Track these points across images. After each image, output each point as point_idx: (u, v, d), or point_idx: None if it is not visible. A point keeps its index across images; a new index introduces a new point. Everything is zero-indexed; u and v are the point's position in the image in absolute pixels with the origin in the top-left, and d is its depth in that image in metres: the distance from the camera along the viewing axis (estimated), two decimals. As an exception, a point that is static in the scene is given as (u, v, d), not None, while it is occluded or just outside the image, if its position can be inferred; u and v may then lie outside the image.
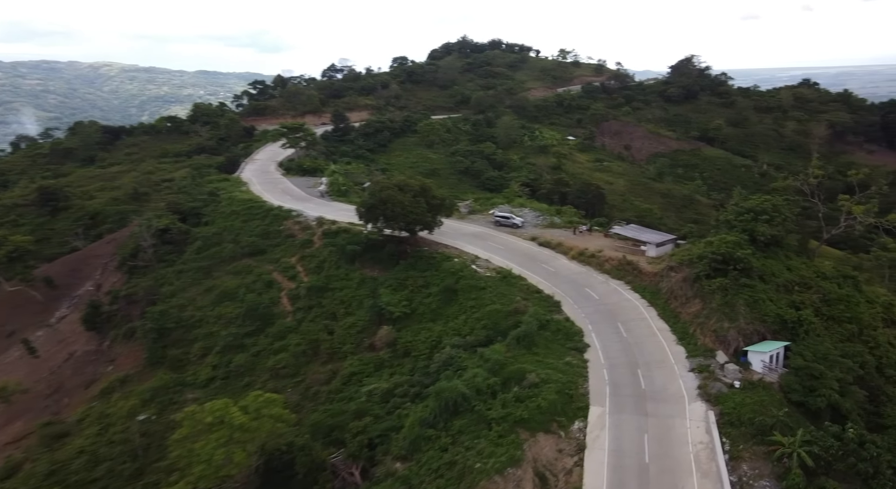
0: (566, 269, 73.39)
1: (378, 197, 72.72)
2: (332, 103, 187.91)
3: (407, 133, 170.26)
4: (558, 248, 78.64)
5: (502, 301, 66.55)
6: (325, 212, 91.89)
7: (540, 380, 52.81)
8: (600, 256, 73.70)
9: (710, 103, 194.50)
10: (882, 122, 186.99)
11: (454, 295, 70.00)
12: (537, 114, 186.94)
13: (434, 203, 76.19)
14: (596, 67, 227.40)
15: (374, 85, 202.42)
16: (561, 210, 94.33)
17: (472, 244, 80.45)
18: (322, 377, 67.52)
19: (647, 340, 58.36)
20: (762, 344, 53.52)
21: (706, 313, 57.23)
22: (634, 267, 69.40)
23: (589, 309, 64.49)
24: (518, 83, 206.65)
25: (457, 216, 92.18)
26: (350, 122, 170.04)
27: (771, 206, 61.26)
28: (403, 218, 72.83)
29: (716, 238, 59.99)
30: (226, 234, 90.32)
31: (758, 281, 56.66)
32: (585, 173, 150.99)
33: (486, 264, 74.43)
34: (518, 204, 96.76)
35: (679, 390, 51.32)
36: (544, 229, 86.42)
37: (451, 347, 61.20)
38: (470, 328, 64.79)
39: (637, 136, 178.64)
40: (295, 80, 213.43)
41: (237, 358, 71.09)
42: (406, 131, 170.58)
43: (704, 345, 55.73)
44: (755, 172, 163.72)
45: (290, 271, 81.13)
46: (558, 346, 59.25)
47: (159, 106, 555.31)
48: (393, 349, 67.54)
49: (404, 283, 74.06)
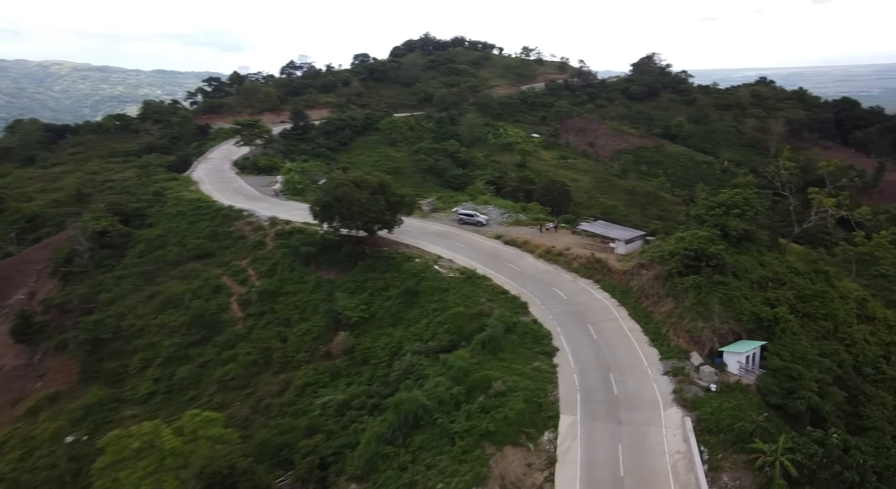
0: (533, 268, 69.77)
1: (333, 194, 67.77)
2: (292, 101, 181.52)
3: (369, 131, 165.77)
4: (524, 247, 75.02)
5: (466, 303, 62.48)
6: (280, 211, 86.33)
7: (507, 389, 48.97)
8: (568, 254, 70.32)
9: (672, 101, 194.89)
10: (835, 119, 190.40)
11: (416, 297, 65.62)
12: (501, 111, 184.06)
13: (394, 200, 71.63)
14: (559, 65, 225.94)
15: (335, 82, 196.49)
16: (527, 207, 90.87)
17: (435, 243, 76.16)
18: (274, 389, 62.31)
19: (618, 342, 55.04)
20: (738, 344, 50.72)
21: (679, 312, 54.22)
22: (603, 265, 66.22)
23: (557, 310, 60.93)
24: (482, 81, 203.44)
25: (419, 214, 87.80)
26: (310, 120, 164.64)
27: (742, 200, 58.76)
28: (361, 216, 68.05)
29: (687, 233, 57.14)
30: (171, 236, 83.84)
31: (731, 278, 53.94)
32: (550, 171, 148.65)
33: (449, 264, 70.25)
34: (482, 201, 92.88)
35: (653, 395, 48.04)
36: (510, 227, 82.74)
37: (411, 354, 56.84)
38: (432, 333, 60.52)
39: (601, 133, 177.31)
40: (252, 77, 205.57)
41: (181, 370, 65.20)
42: (368, 129, 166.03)
43: (678, 346, 52.66)
44: (717, 169, 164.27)
45: (241, 275, 75.46)
46: (526, 351, 55.45)
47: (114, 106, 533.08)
48: (350, 357, 62.78)
49: (363, 286, 69.31)
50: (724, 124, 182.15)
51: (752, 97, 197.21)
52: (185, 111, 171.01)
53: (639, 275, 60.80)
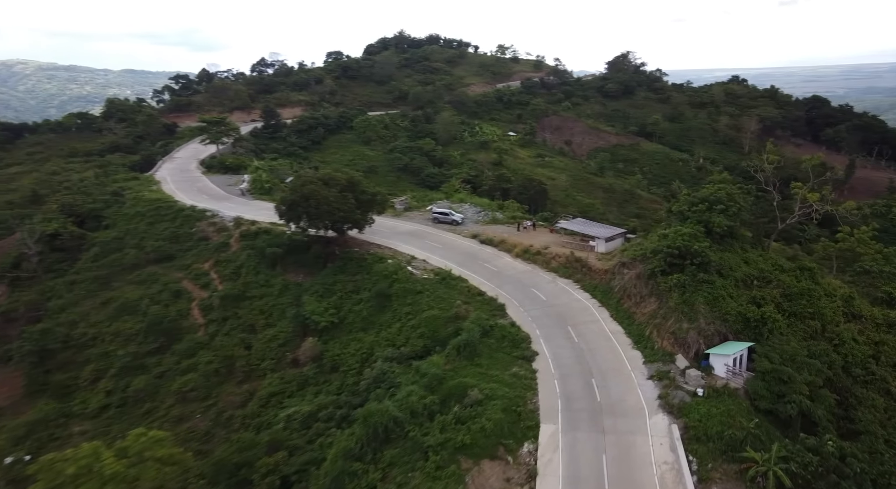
0: (510, 268, 66.74)
1: (300, 192, 63.82)
2: (263, 99, 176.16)
3: (343, 130, 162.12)
4: (501, 246, 71.98)
5: (441, 306, 59.16)
6: (245, 211, 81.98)
7: (483, 397, 45.80)
8: (546, 253, 67.45)
9: (647, 99, 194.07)
10: (806, 117, 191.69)
11: (388, 300, 62.08)
12: (477, 109, 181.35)
13: (364, 198, 67.93)
14: (535, 63, 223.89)
15: (308, 80, 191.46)
16: (504, 205, 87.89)
17: (408, 243, 72.67)
18: (237, 399, 58.22)
19: (600, 345, 52.26)
20: (724, 345, 48.25)
21: (663, 313, 51.61)
22: (583, 264, 63.46)
23: (536, 311, 57.95)
24: (457, 79, 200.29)
25: (392, 213, 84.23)
26: (282, 119, 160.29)
27: (725, 196, 56.41)
28: (329, 215, 64.25)
29: (670, 230, 54.57)
30: (129, 238, 78.82)
31: (716, 276, 51.48)
32: (527, 169, 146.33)
33: (423, 265, 66.82)
34: (458, 200, 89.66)
35: (638, 402, 45.30)
36: (486, 226, 79.64)
37: (382, 361, 53.33)
38: (405, 338, 57.09)
39: (577, 131, 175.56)
40: (222, 74, 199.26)
41: (136, 381, 60.65)
42: (342, 128, 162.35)
43: (663, 348, 50.04)
44: (692, 166, 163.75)
45: (203, 278, 70.99)
46: (504, 355, 52.30)
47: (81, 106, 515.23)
48: (319, 364, 58.98)
49: (332, 289, 65.50)
50: (698, 122, 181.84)
51: (726, 95, 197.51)
52: (150, 109, 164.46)
53: (620, 274, 58.14)
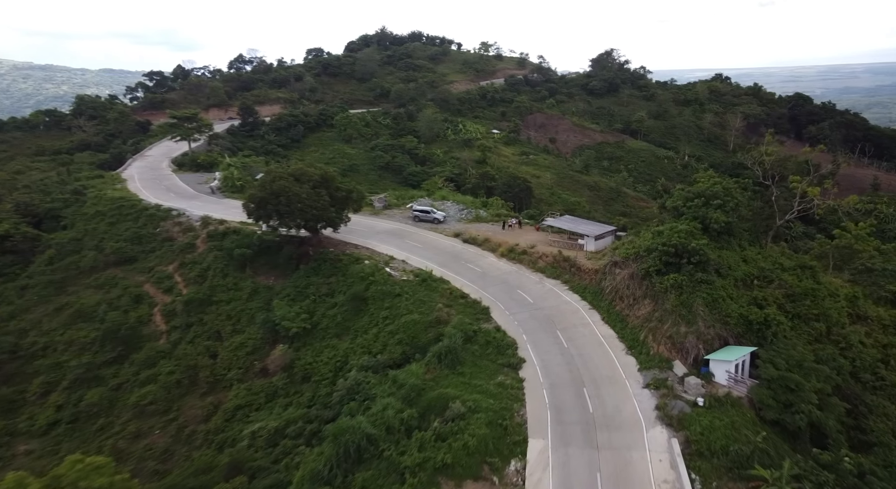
0: (495, 269, 62.65)
1: (269, 189, 59.11)
2: (240, 96, 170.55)
3: (323, 127, 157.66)
4: (485, 245, 67.88)
5: (421, 309, 54.88)
6: (214, 210, 76.92)
7: (466, 410, 41.62)
8: (533, 253, 63.47)
9: (632, 96, 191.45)
10: (789, 114, 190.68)
11: (364, 304, 57.65)
12: (461, 107, 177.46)
13: (339, 195, 63.38)
14: (519, 61, 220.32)
15: (287, 77, 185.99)
16: (488, 202, 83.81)
17: (387, 243, 68.27)
18: (200, 413, 53.41)
19: (592, 351, 48.33)
20: (725, 350, 44.59)
21: (659, 316, 47.82)
22: (572, 263, 59.54)
23: (523, 315, 53.90)
24: (440, 76, 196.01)
25: (370, 211, 79.75)
26: (260, 116, 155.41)
27: (722, 190, 52.85)
28: (301, 214, 59.61)
29: (665, 227, 50.83)
30: (87, 239, 73.34)
31: (715, 276, 47.81)
32: (511, 167, 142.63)
33: (402, 266, 62.48)
34: (440, 197, 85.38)
35: (634, 413, 41.40)
36: (469, 224, 75.50)
37: (357, 370, 48.93)
38: (382, 344, 52.70)
39: (562, 128, 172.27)
40: (198, 71, 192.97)
41: (91, 394, 55.55)
42: (322, 125, 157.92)
43: (659, 354, 46.23)
44: (678, 163, 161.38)
45: (166, 282, 65.92)
46: (488, 363, 48.15)
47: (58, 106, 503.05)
48: (289, 374, 54.40)
49: (304, 292, 60.91)
50: (683, 119, 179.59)
51: (710, 93, 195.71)
52: (122, 106, 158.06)
53: (612, 274, 54.30)
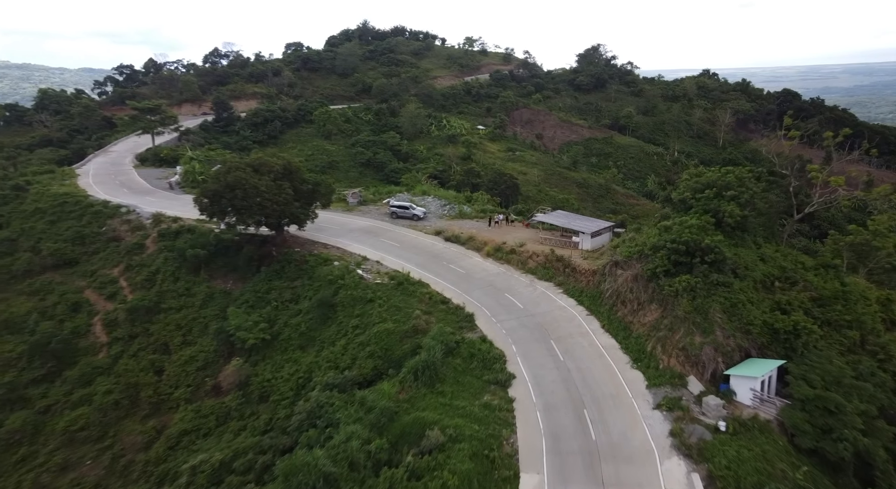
0: (480, 270, 55.61)
1: (224, 181, 51.50)
2: (215, 91, 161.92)
3: (302, 123, 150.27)
4: (470, 244, 60.82)
5: (396, 317, 47.71)
6: (170, 206, 68.97)
7: (447, 438, 34.67)
8: (522, 252, 56.52)
9: (620, 92, 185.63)
10: (778, 110, 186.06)
11: (332, 311, 50.31)
12: (445, 102, 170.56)
13: (305, 189, 55.94)
14: (504, 56, 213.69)
15: (265, 72, 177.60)
16: (472, 197, 76.76)
17: (360, 242, 60.94)
18: (140, 440, 45.79)
19: (591, 364, 41.47)
20: (748, 364, 37.95)
21: (668, 323, 41.06)
22: (566, 264, 52.63)
23: (512, 322, 46.93)
24: (423, 71, 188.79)
25: (343, 208, 72.34)
26: (236, 112, 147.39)
27: (735, 180, 46.29)
28: (261, 209, 52.09)
29: (674, 221, 44.12)
30: (23, 240, 65.02)
31: (732, 277, 41.17)
32: (497, 163, 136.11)
33: (376, 267, 55.20)
34: (420, 192, 78.14)
35: (645, 440, 34.59)
36: (452, 221, 68.35)
37: (321, 389, 41.59)
38: (351, 358, 45.46)
39: (549, 124, 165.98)
40: (171, 65, 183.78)
41: (12, 418, 47.59)
42: (301, 121, 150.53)
43: (670, 368, 39.49)
44: (667, 160, 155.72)
45: (110, 287, 58.05)
46: (473, 379, 41.14)
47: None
48: (244, 392, 46.91)
49: (265, 298, 53.39)
50: (672, 115, 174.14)
51: (698, 89, 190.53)
52: (88, 101, 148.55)
53: (612, 275, 47.47)
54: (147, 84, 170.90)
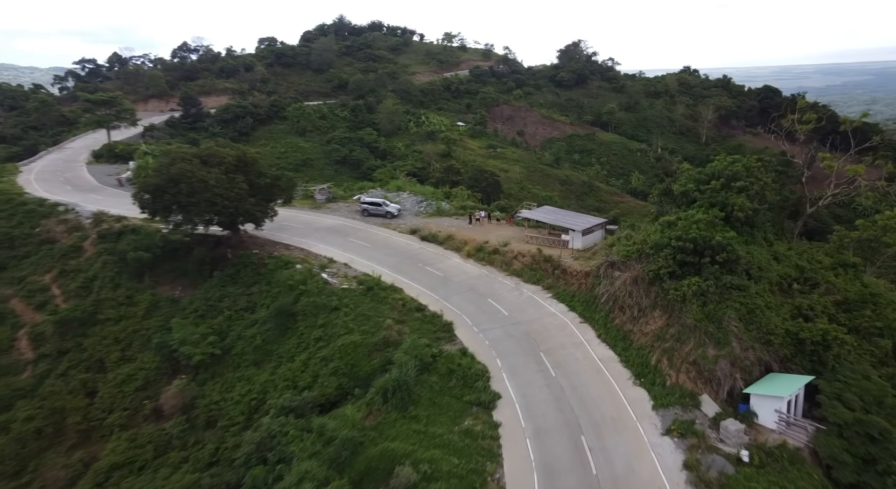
0: (460, 273, 49.55)
1: (166, 174, 44.66)
2: (184, 86, 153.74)
3: (275, 120, 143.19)
4: (448, 243, 54.73)
5: (364, 327, 41.46)
6: (115, 205, 61.66)
7: (420, 477, 28.76)
8: (506, 252, 50.58)
9: (601, 88, 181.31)
10: (760, 107, 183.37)
11: (292, 321, 43.85)
12: (423, 98, 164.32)
13: (261, 183, 49.30)
14: (484, 52, 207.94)
15: (236, 67, 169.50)
16: (451, 193, 70.63)
17: (327, 242, 54.44)
18: (63, 475, 38.86)
19: (588, 380, 35.70)
20: (770, 381, 32.45)
21: (675, 333, 35.43)
22: (556, 265, 46.81)
23: (496, 332, 40.99)
24: (402, 67, 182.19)
25: (310, 205, 65.73)
26: (205, 108, 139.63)
27: (744, 169, 40.89)
28: (209, 206, 45.36)
29: (679, 216, 38.54)
30: (-56, 243, 57.41)
31: (746, 279, 35.69)
32: (478, 160, 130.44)
33: (343, 270, 48.83)
34: (395, 188, 71.77)
35: (655, 475, 28.89)
36: (429, 218, 62.16)
37: (274, 414, 35.20)
38: (312, 375, 39.09)
39: (530, 121, 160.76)
40: (137, 59, 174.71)
41: (-87, 453, 40.20)
42: (274, 118, 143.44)
43: (679, 385, 33.88)
44: (651, 156, 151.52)
45: (40, 296, 50.75)
46: (452, 401, 35.13)
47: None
48: (189, 417, 40.26)
49: (217, 306, 46.70)
50: (654, 111, 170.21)
51: (679, 85, 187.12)
52: (45, 96, 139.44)
53: (608, 277, 41.75)
54: (111, 79, 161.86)
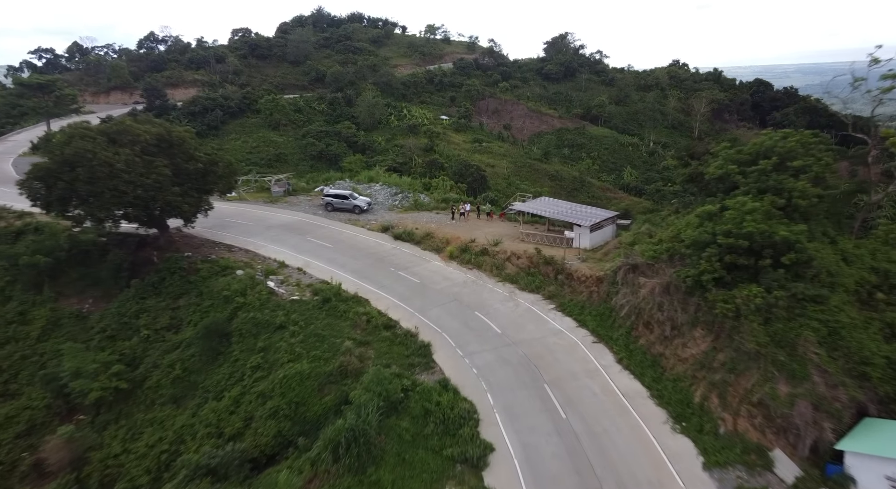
0: (441, 279, 39.62)
1: (60, 156, 34.16)
2: (149, 77, 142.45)
3: (247, 113, 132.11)
4: (427, 243, 44.78)
5: (317, 352, 31.45)
6: (21, 199, 50.73)
7: None
8: (497, 253, 40.73)
9: (591, 81, 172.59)
10: (752, 100, 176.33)
11: (224, 343, 33.62)
12: (405, 91, 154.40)
13: (192, 169, 38.88)
14: (468, 45, 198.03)
15: (206, 58, 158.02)
16: (432, 185, 60.69)
17: (280, 242, 44.19)
18: None
19: (611, 425, 26.03)
20: (870, 430, 23.01)
21: (728, 361, 25.91)
22: (559, 268, 37.03)
23: (487, 356, 31.20)
24: (383, 60, 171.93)
25: (266, 198, 55.41)
26: (171, 100, 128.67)
27: (800, 146, 31.53)
28: (117, 197, 34.92)
29: (723, 205, 29.01)
30: None
31: (821, 288, 26.27)
32: (463, 155, 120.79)
33: (295, 277, 38.67)
34: (366, 179, 61.59)
35: None
36: (405, 213, 52.16)
37: (185, 476, 25.09)
38: (244, 418, 29.03)
39: (518, 114, 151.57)
40: (99, 49, 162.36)
41: None
42: (246, 111, 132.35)
43: (738, 433, 24.36)
44: (643, 151, 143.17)
45: (-88, 313, 39.81)
46: (427, 456, 25.27)
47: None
48: (78, 476, 29.88)
49: (132, 325, 36.31)
50: (646, 105, 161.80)
51: (670, 78, 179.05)
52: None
53: (628, 284, 32.11)
54: (71, 70, 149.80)
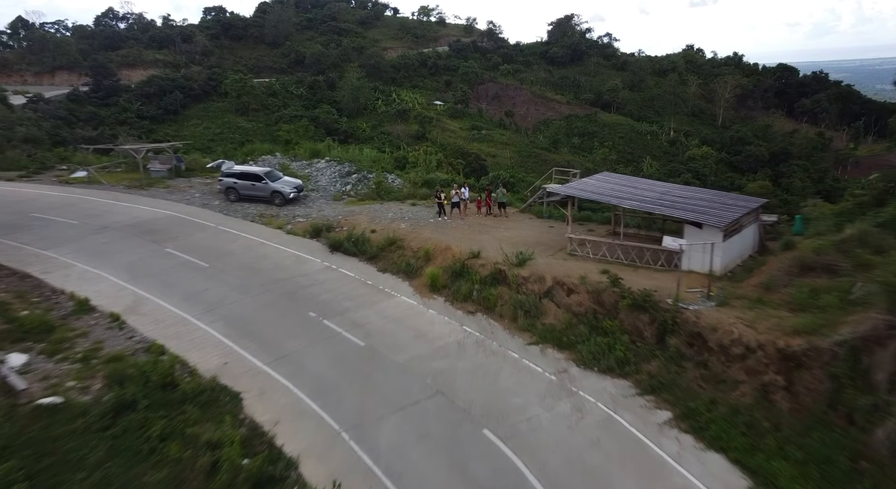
0: (412, 336, 17.93)
1: None
2: (102, 55, 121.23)
3: (213, 96, 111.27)
4: (390, 258, 23.07)
5: None
6: None
7: None
8: (527, 280, 19.12)
9: (600, 65, 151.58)
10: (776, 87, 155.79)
11: None
12: (396, 75, 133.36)
13: None
14: (465, 27, 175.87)
15: (171, 36, 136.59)
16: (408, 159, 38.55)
17: (105, 257, 22.63)
18: None
19: None
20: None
21: None
22: (669, 320, 15.57)
23: None
24: (371, 42, 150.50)
25: (140, 180, 33.63)
26: (125, 81, 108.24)
27: None
28: None
29: None
30: None
31: None
32: (460, 143, 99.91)
33: (92, 337, 17.13)
34: (307, 152, 38.74)
35: None
36: (359, 205, 30.41)
37: None
38: None
39: (521, 100, 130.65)
40: (49, 26, 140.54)
41: None
42: (211, 94, 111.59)
43: None
44: (663, 140, 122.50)
45: None
46: None
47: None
48: None
49: None
50: (663, 90, 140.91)
51: (687, 63, 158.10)
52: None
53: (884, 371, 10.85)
54: (13, 47, 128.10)
